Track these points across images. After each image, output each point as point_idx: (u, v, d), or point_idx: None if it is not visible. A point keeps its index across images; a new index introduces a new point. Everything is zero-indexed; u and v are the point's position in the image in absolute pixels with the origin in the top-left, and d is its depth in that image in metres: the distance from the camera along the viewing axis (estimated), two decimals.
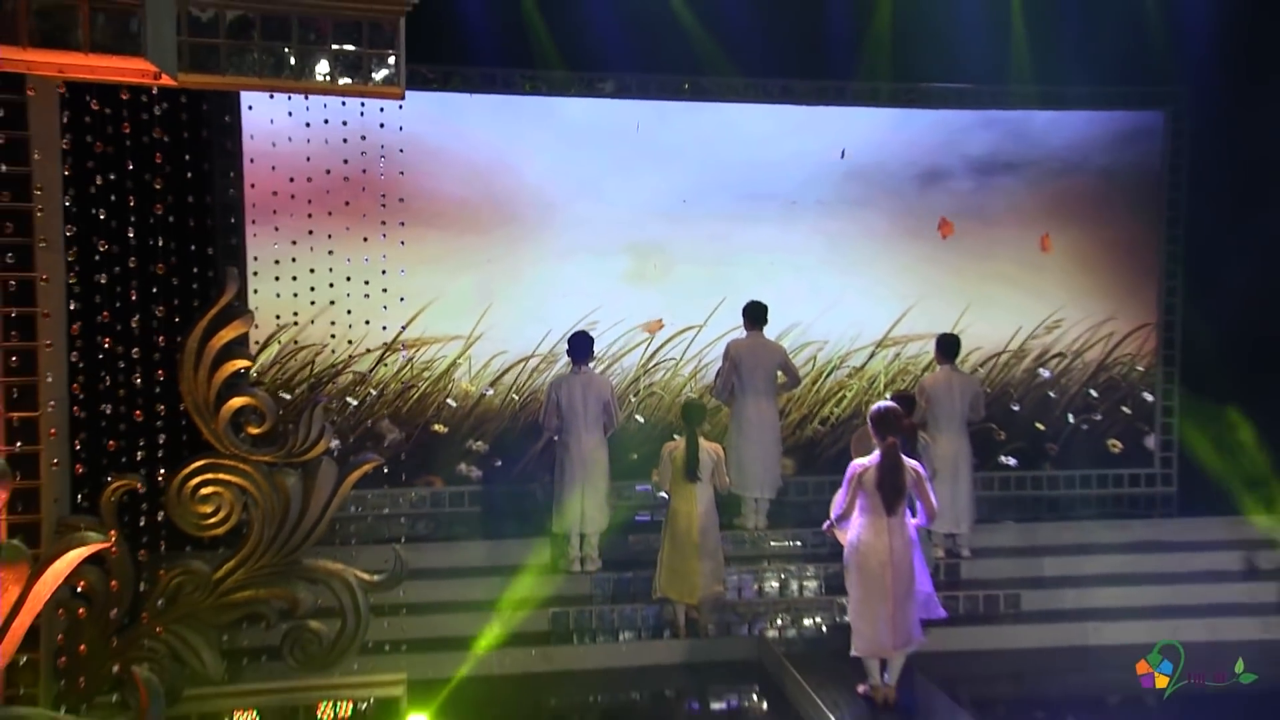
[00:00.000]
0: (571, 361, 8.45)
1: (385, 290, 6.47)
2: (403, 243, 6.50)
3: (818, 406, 10.40)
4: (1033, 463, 10.63)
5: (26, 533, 4.80)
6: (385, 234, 6.71)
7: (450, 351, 9.74)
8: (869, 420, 6.46)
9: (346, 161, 6.58)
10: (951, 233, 10.41)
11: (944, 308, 10.33)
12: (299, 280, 6.95)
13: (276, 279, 7.08)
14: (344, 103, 5.78)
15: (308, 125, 6.16)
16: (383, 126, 6.28)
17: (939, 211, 10.39)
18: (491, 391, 9.83)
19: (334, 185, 6.84)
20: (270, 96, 5.82)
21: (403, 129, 6.54)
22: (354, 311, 6.92)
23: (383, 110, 6.06)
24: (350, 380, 9.53)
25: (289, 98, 5.71)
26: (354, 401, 9.53)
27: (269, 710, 5.63)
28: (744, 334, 9.00)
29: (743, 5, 9.31)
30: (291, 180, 7.05)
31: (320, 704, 5.66)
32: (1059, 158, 10.49)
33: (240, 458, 5.47)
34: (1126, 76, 10.13)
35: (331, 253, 6.79)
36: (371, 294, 6.73)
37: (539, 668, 7.69)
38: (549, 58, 9.46)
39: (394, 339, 9.39)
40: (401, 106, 5.57)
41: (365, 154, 6.48)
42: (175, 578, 5.49)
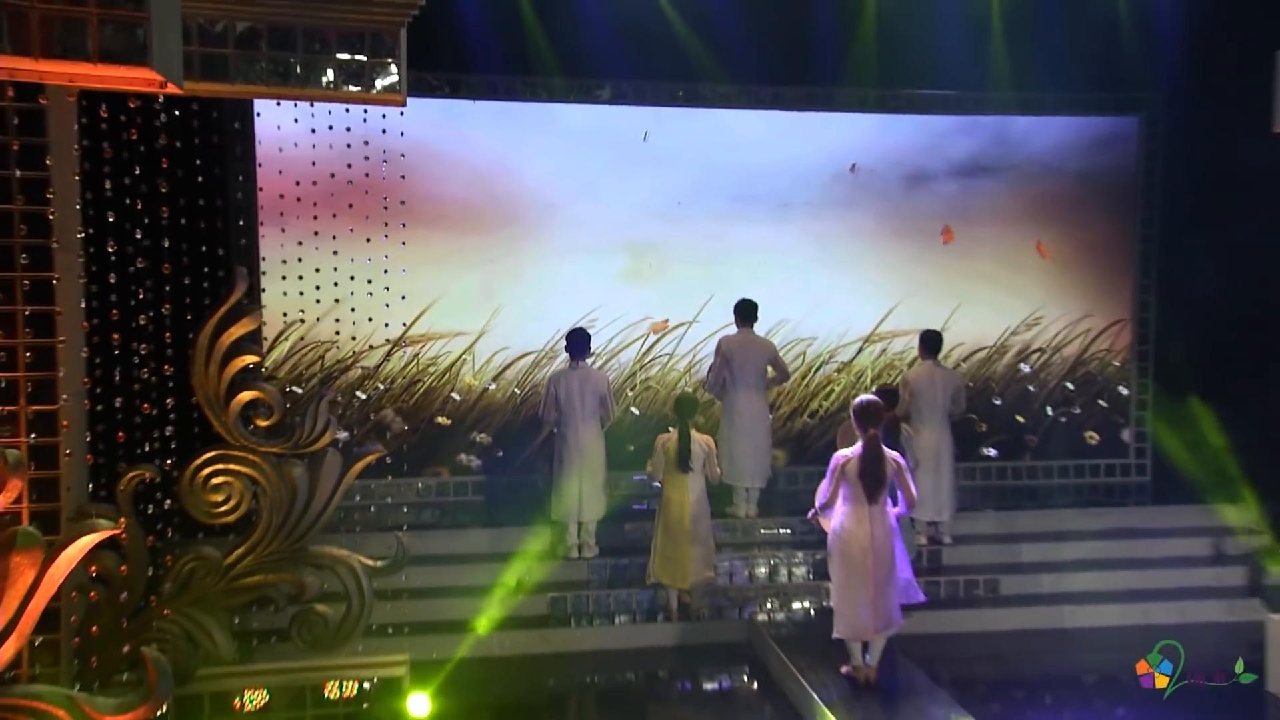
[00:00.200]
0: (570, 357, 8.47)
1: (387, 289, 6.51)
2: (404, 243, 6.52)
3: (807, 400, 10.41)
4: (1013, 453, 10.64)
5: (46, 520, 4.82)
6: (392, 235, 6.75)
7: (455, 347, 9.75)
8: (851, 413, 6.49)
9: (350, 166, 6.58)
10: (952, 239, 10.41)
11: (928, 305, 10.30)
12: (305, 279, 6.95)
13: (283, 278, 7.07)
14: (347, 110, 5.83)
15: (313, 131, 6.22)
16: (384, 133, 6.29)
17: (923, 213, 10.38)
18: (494, 386, 9.85)
19: (343, 189, 6.84)
20: (277, 104, 5.85)
21: (409, 135, 6.57)
22: (363, 309, 6.97)
23: (384, 117, 6.07)
24: (359, 375, 9.56)
25: (295, 105, 5.76)
26: (363, 395, 9.56)
27: (278, 689, 5.64)
28: (735, 330, 9.01)
29: (735, 15, 9.32)
30: (297, 184, 7.09)
31: (327, 683, 5.69)
32: (1038, 161, 10.48)
33: (249, 449, 5.49)
34: (1102, 84, 10.14)
35: (336, 253, 6.80)
36: (379, 292, 6.78)
37: (538, 649, 7.73)
38: (548, 66, 9.46)
39: (401, 336, 9.43)
40: (403, 113, 5.58)
41: (369, 159, 6.49)
42: (188, 563, 5.51)
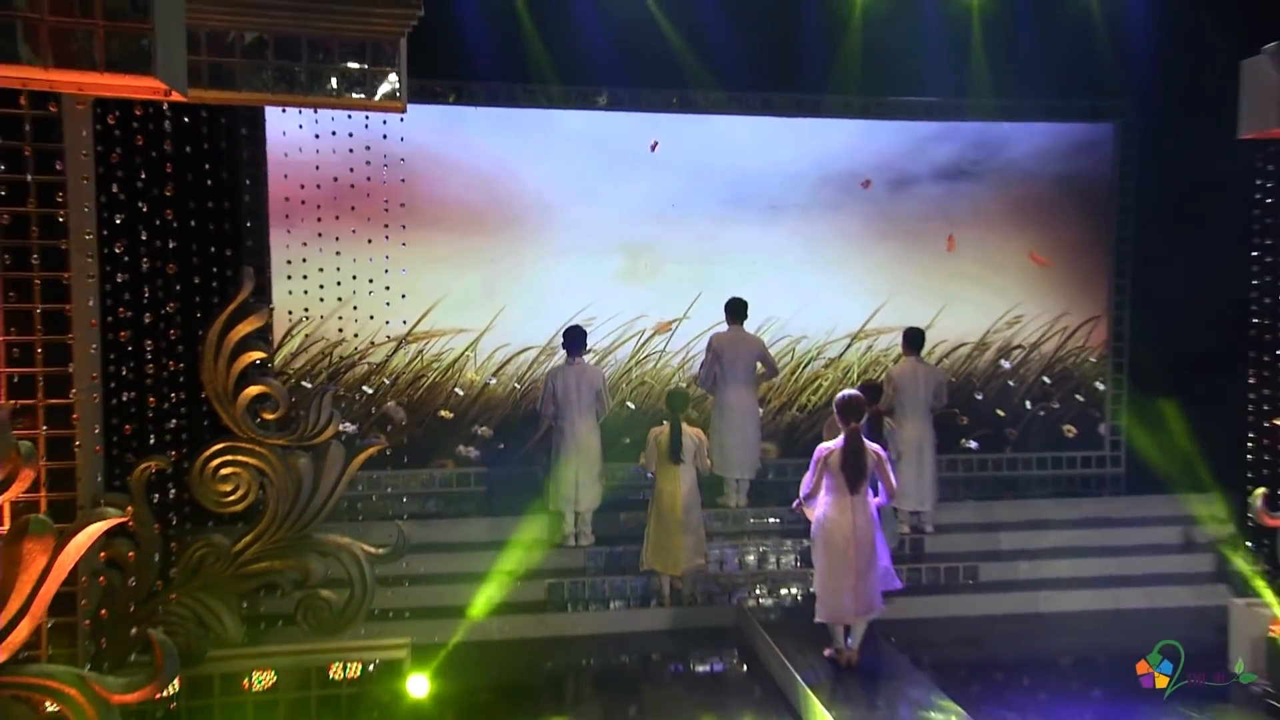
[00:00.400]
0: (566, 353, 8.49)
1: (388, 289, 6.53)
2: (403, 244, 6.54)
3: (796, 395, 10.42)
4: (994, 446, 10.63)
5: (63, 509, 4.84)
6: (395, 236, 6.78)
7: (458, 344, 9.77)
8: (834, 407, 6.50)
9: (352, 170, 6.61)
10: (953, 248, 10.41)
11: (913, 304, 10.30)
12: (312, 279, 7.00)
13: (289, 277, 7.11)
14: (350, 116, 5.85)
15: (321, 136, 6.24)
16: (385, 138, 6.32)
17: (908, 215, 10.35)
18: (495, 381, 9.86)
19: (350, 192, 6.87)
20: (283, 111, 5.88)
21: (415, 140, 6.62)
22: (369, 307, 7.00)
23: (385, 122, 6.10)
24: (365, 370, 9.58)
25: (300, 112, 5.78)
26: (369, 390, 9.58)
27: (285, 670, 5.65)
28: (726, 328, 9.02)
29: (726, 26, 9.31)
30: (302, 187, 7.10)
31: (332, 665, 5.70)
32: (1018, 166, 10.47)
33: (256, 441, 5.50)
34: (1078, 92, 10.14)
35: (339, 253, 6.84)
36: (385, 291, 6.81)
37: (535, 633, 7.77)
38: (548, 74, 9.47)
39: (407, 332, 9.45)
40: (403, 119, 5.61)
41: (370, 164, 6.52)
42: (198, 550, 5.53)
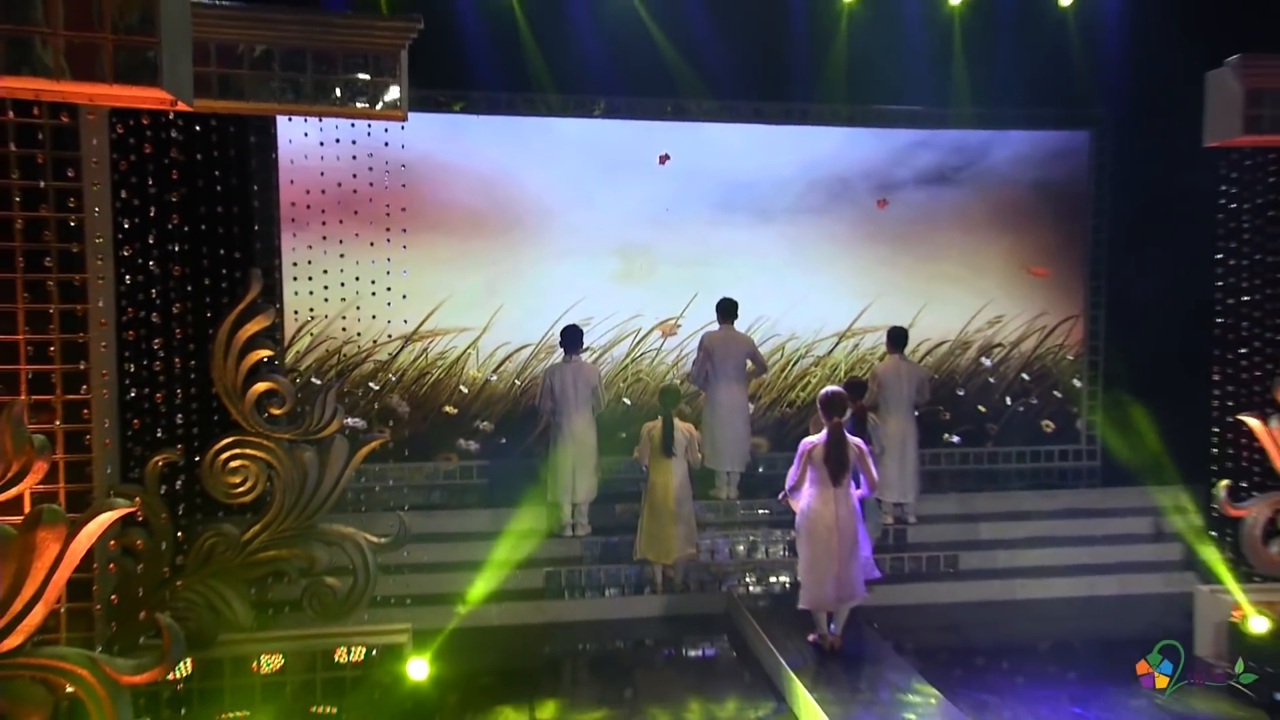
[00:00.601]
0: (564, 351, 8.51)
1: (389, 289, 6.55)
2: (405, 247, 6.56)
3: (785, 391, 10.45)
4: (976, 440, 10.67)
5: (79, 499, 4.88)
6: (399, 239, 6.79)
7: (461, 342, 9.80)
8: (818, 403, 6.51)
9: (356, 176, 6.63)
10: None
11: (898, 304, 10.34)
12: (317, 280, 7.02)
13: (296, 279, 7.13)
14: (353, 124, 5.87)
15: (323, 144, 6.27)
16: (389, 145, 6.34)
17: (893, 219, 10.41)
18: (496, 378, 9.89)
19: (356, 197, 6.90)
20: (290, 120, 5.90)
21: (420, 147, 6.64)
22: (374, 307, 7.01)
23: (386, 130, 6.12)
24: (372, 368, 9.62)
25: (306, 120, 5.81)
26: (375, 386, 9.61)
27: (292, 654, 5.67)
28: (717, 327, 9.04)
29: (719, 38, 9.33)
30: (309, 193, 7.11)
31: (336, 649, 5.73)
32: (997, 172, 10.51)
33: (264, 435, 5.53)
34: (1055, 101, 10.19)
35: (343, 255, 6.87)
36: (389, 292, 6.82)
37: (533, 619, 7.79)
38: (547, 84, 9.48)
39: (413, 331, 9.48)
40: (404, 127, 5.63)
41: (374, 170, 6.54)
42: (209, 539, 5.56)
